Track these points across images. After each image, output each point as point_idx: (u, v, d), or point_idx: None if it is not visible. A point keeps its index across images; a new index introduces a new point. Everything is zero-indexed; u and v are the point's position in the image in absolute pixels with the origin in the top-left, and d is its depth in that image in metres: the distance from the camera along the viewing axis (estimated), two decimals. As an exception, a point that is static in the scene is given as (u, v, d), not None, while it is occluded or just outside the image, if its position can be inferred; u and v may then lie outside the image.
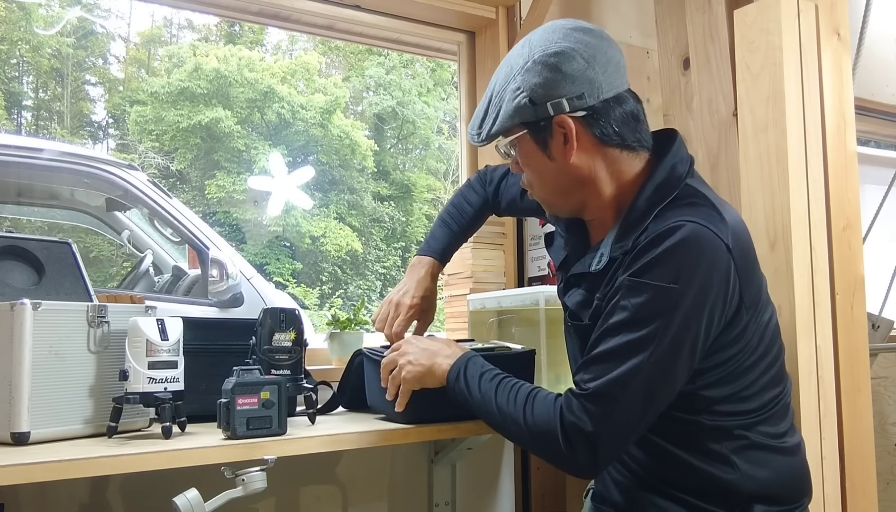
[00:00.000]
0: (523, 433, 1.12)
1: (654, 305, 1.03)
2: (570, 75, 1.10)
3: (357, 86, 16.57)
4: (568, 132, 1.12)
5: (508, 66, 1.17)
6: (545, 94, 1.11)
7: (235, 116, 14.46)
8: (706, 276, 1.03)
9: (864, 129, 3.08)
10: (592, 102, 1.11)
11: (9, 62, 14.35)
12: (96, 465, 1.07)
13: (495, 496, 2.16)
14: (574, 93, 1.10)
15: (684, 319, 1.02)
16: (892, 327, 2.12)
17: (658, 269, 1.04)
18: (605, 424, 1.04)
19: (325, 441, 1.28)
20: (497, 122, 1.17)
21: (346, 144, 15.12)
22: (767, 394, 1.13)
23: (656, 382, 1.04)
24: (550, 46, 1.12)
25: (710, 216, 1.07)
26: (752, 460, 1.11)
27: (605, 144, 1.14)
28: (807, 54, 1.50)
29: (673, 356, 1.03)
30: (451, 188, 16.29)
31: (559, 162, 1.15)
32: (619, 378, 1.03)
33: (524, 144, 1.18)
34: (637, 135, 1.16)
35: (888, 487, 2.22)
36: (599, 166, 1.15)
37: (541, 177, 1.20)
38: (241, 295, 2.65)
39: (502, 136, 1.19)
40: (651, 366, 1.03)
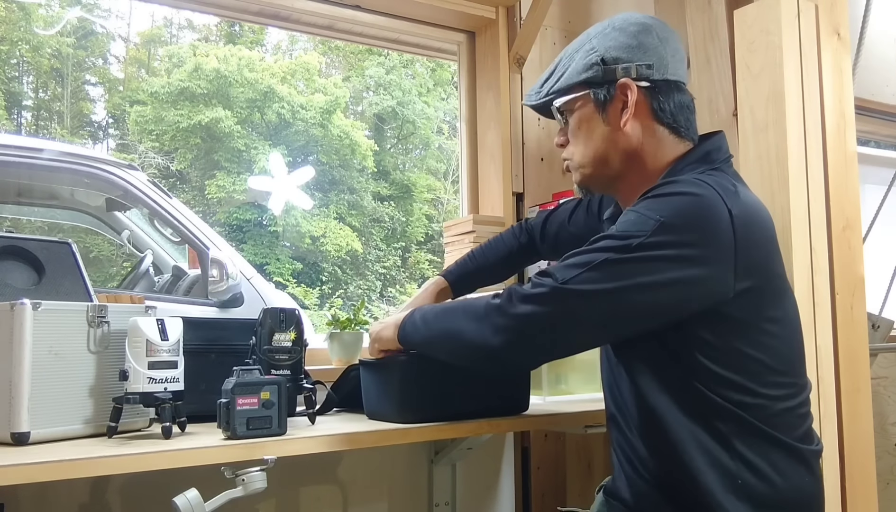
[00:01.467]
0: (459, 313, 1.16)
1: (636, 225, 1.04)
2: (643, 45, 1.18)
3: (357, 86, 16.57)
4: (629, 97, 1.16)
5: (586, 35, 1.24)
6: (617, 57, 1.18)
7: (235, 116, 14.46)
8: (698, 225, 1.03)
9: (864, 129, 3.08)
10: (658, 77, 1.17)
11: (9, 62, 14.34)
12: (96, 465, 1.07)
13: (495, 496, 2.17)
14: (644, 61, 1.17)
15: (661, 250, 1.02)
16: (892, 327, 2.12)
17: (653, 202, 1.06)
18: (538, 293, 1.05)
19: (325, 441, 1.28)
20: (563, 78, 1.22)
21: (346, 144, 15.11)
22: (778, 393, 1.09)
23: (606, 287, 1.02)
24: (631, 19, 1.20)
25: (722, 185, 1.08)
26: (762, 464, 1.07)
27: (658, 121, 1.18)
28: (807, 54, 1.50)
29: (633, 275, 1.02)
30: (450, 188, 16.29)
31: (613, 127, 1.19)
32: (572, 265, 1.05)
33: (582, 106, 1.21)
34: (687, 123, 1.20)
35: (888, 487, 2.22)
36: (647, 141, 1.19)
37: (589, 141, 1.22)
38: (241, 295, 2.65)
39: (563, 95, 1.22)
40: (607, 269, 1.03)
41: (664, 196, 1.06)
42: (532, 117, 2.41)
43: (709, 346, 1.06)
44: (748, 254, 1.05)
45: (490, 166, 2.39)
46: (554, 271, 1.07)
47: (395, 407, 1.39)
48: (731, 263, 1.04)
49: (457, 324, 1.17)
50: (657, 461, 1.13)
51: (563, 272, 1.05)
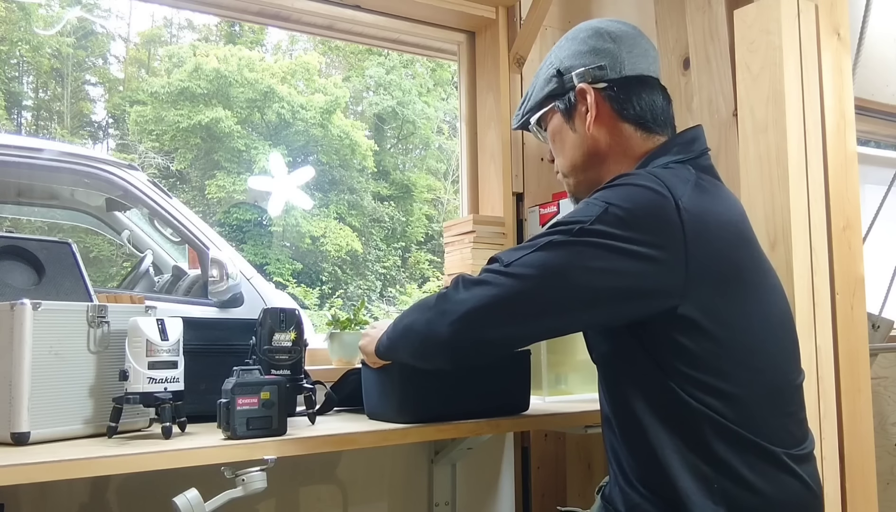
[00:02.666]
0: (414, 310, 1.19)
1: (582, 212, 1.06)
2: (595, 48, 1.21)
3: (357, 86, 16.57)
4: (588, 101, 1.19)
5: (550, 51, 1.29)
6: (570, 65, 1.22)
7: (235, 116, 14.46)
8: (644, 214, 1.03)
9: (864, 129, 3.08)
10: (613, 76, 1.19)
11: (9, 62, 14.34)
12: (96, 465, 1.07)
13: (495, 496, 2.17)
14: (595, 64, 1.20)
15: (606, 236, 1.02)
16: (892, 327, 2.12)
17: (601, 191, 1.08)
18: (483, 279, 1.07)
19: (325, 441, 1.28)
20: (532, 97, 1.28)
21: (346, 144, 15.11)
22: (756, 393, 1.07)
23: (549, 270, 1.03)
24: (583, 26, 1.25)
25: (679, 178, 1.08)
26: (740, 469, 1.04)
27: (622, 119, 1.19)
28: (807, 54, 1.50)
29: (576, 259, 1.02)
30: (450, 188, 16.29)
31: (580, 133, 1.22)
32: (516, 249, 1.08)
33: (553, 119, 1.26)
34: (654, 117, 1.20)
35: (888, 487, 2.22)
36: (615, 141, 1.20)
37: (564, 151, 1.26)
38: (241, 295, 2.65)
39: (535, 112, 1.28)
40: (550, 251, 1.04)
41: (613, 186, 1.08)
42: (532, 117, 2.41)
43: (679, 346, 1.04)
44: (702, 249, 1.03)
45: (490, 166, 2.39)
46: (500, 256, 1.09)
47: (395, 407, 1.39)
48: (680, 255, 1.02)
49: (411, 317, 1.20)
50: (640, 465, 1.13)
51: (508, 255, 1.08)
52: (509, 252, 1.09)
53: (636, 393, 1.11)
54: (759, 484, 1.05)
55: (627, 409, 1.12)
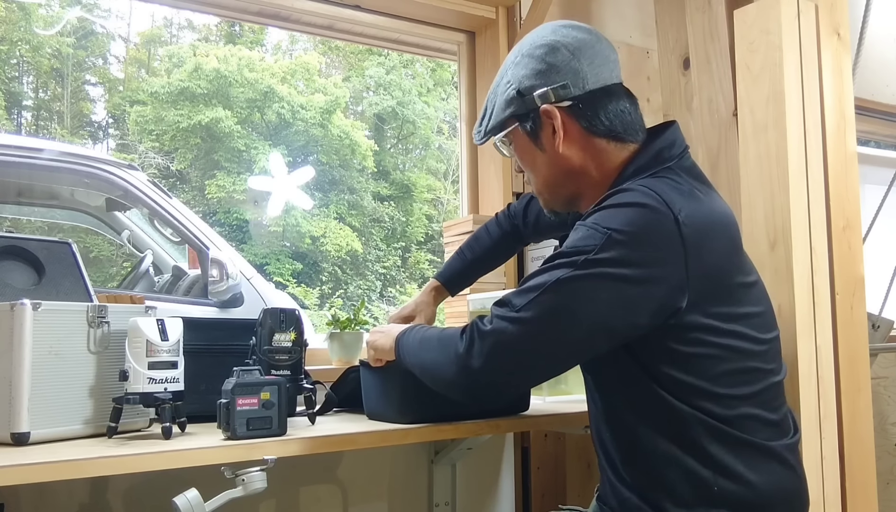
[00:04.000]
0: (434, 350, 1.17)
1: (584, 240, 1.04)
2: (554, 66, 1.15)
3: (357, 86, 16.56)
4: (555, 122, 1.15)
5: (504, 65, 1.24)
6: (531, 85, 1.16)
7: (235, 116, 14.45)
8: (646, 234, 1.02)
9: (864, 129, 3.08)
10: (577, 92, 1.15)
11: (9, 62, 14.34)
12: (96, 465, 1.07)
13: (495, 496, 2.17)
14: (558, 82, 1.15)
15: (611, 265, 1.01)
16: (892, 327, 2.12)
17: (599, 215, 1.06)
18: (497, 327, 1.05)
19: (325, 441, 1.28)
20: (492, 117, 1.23)
21: (346, 144, 15.10)
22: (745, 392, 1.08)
23: (561, 309, 1.03)
24: (538, 41, 1.18)
25: (672, 189, 1.07)
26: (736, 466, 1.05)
27: (593, 134, 1.16)
28: (807, 54, 1.50)
29: (587, 293, 1.02)
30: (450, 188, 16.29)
31: (549, 153, 1.18)
32: (524, 290, 1.06)
33: (517, 138, 1.22)
34: (626, 127, 1.17)
35: (888, 487, 2.22)
36: (589, 157, 1.17)
37: (535, 170, 1.23)
38: (241, 295, 2.65)
39: (497, 131, 1.23)
40: (560, 290, 1.02)
41: (611, 207, 1.06)
42: (532, 117, 2.41)
43: (671, 353, 1.06)
44: (700, 258, 1.05)
45: (490, 166, 2.39)
46: (510, 299, 1.07)
47: (395, 407, 1.39)
48: (681, 269, 1.03)
49: (431, 363, 1.19)
50: (634, 473, 1.13)
51: (518, 298, 1.06)
52: (518, 294, 1.06)
53: (627, 402, 1.11)
54: (758, 480, 1.07)
55: (618, 417, 1.13)
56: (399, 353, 1.30)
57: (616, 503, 1.16)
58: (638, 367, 1.08)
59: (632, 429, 1.11)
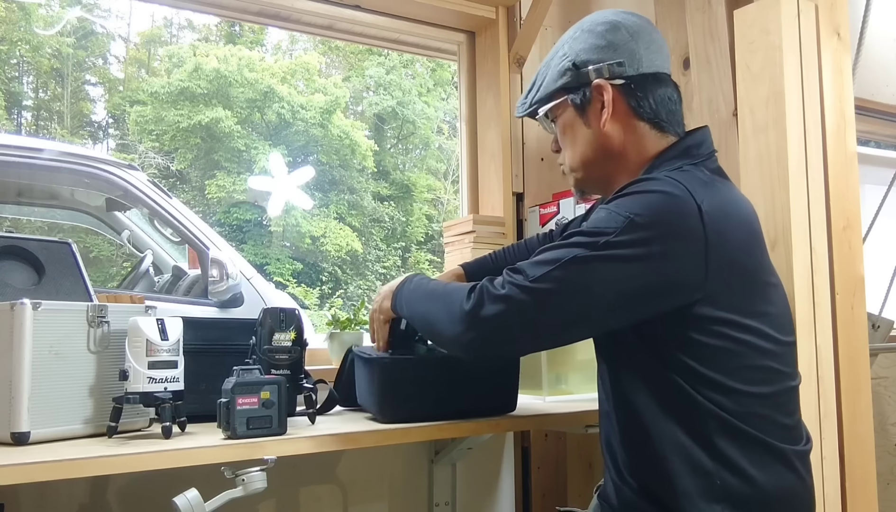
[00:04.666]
0: (439, 302, 1.16)
1: (604, 222, 1.04)
2: (612, 43, 1.18)
3: (357, 86, 16.57)
4: (605, 98, 1.17)
5: (560, 41, 1.26)
6: (587, 59, 1.19)
7: (235, 116, 14.46)
8: (667, 222, 1.03)
9: (864, 129, 3.08)
10: (631, 73, 1.17)
11: (9, 62, 14.34)
12: (96, 465, 1.07)
13: (495, 496, 2.17)
14: (615, 60, 1.17)
15: (630, 248, 1.01)
16: (892, 327, 2.12)
17: (622, 199, 1.06)
18: (507, 293, 1.05)
19: (325, 441, 1.28)
20: (542, 87, 1.25)
21: (346, 144, 15.11)
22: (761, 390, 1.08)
23: (574, 286, 1.03)
24: (599, 18, 1.22)
25: (696, 180, 1.08)
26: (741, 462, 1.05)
27: (638, 117, 1.18)
28: (807, 54, 1.50)
29: (602, 273, 1.02)
30: (450, 188, 16.29)
31: (594, 129, 1.20)
32: (541, 262, 1.05)
33: (564, 112, 1.23)
34: (669, 116, 1.19)
35: (888, 487, 2.22)
36: (629, 139, 1.19)
37: (574, 145, 1.24)
38: (241, 295, 2.65)
39: (545, 103, 1.25)
40: (576, 267, 1.03)
41: (634, 194, 1.07)
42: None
43: (690, 343, 1.05)
44: (721, 249, 1.05)
45: (490, 166, 2.39)
46: (524, 268, 1.07)
47: (376, 405, 1.40)
48: (701, 259, 1.03)
49: (433, 315, 1.19)
50: (637, 464, 1.13)
51: (532, 269, 1.06)
52: (533, 265, 1.06)
53: (640, 388, 1.11)
54: (761, 479, 1.06)
55: (629, 404, 1.12)
56: (397, 301, 1.31)
57: (617, 502, 1.16)
58: (654, 353, 1.08)
59: (641, 414, 1.10)
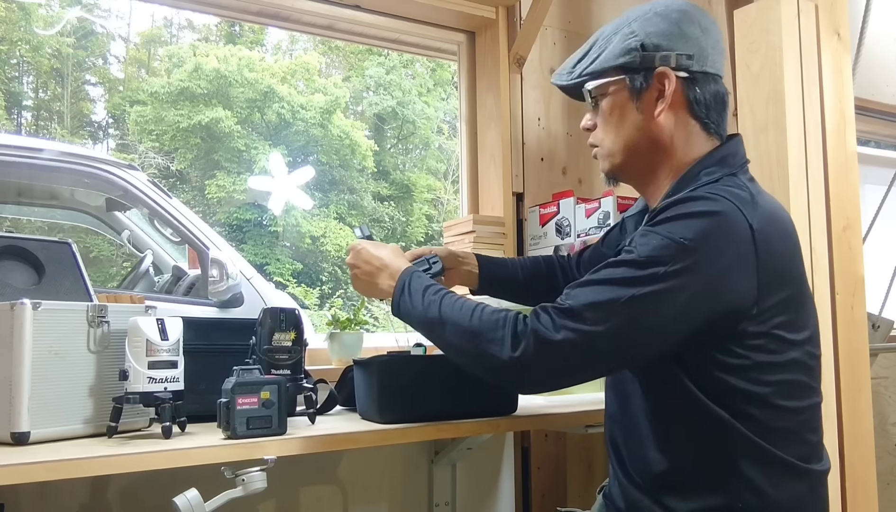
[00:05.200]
0: (465, 332, 1.09)
1: (659, 252, 1.00)
2: (685, 34, 1.14)
3: (357, 86, 16.56)
4: (666, 87, 1.13)
5: (624, 16, 1.19)
6: (657, 43, 1.13)
7: (235, 116, 14.46)
8: (721, 247, 1.00)
9: (864, 129, 3.08)
10: (696, 68, 1.14)
11: (9, 62, 14.34)
12: (96, 465, 1.07)
13: (495, 496, 2.16)
14: (685, 51, 1.13)
15: (683, 279, 0.99)
16: (892, 327, 2.12)
17: (674, 224, 1.02)
18: (569, 341, 1.00)
19: (325, 441, 1.28)
20: (598, 60, 1.17)
21: (346, 144, 15.11)
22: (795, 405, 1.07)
23: (631, 326, 1.00)
24: (673, 5, 1.16)
25: (741, 196, 1.05)
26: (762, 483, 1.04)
27: (691, 114, 1.15)
28: (807, 54, 1.50)
29: (657, 309, 0.99)
30: (450, 188, 16.28)
31: (646, 116, 1.15)
32: (597, 304, 1.00)
33: (616, 92, 1.17)
34: (718, 118, 1.17)
35: (888, 487, 2.22)
36: (678, 133, 1.15)
37: (619, 129, 1.18)
38: (241, 295, 2.64)
39: (597, 78, 1.18)
40: (630, 306, 0.99)
41: (683, 217, 1.02)
42: (532, 117, 2.41)
43: (732, 358, 1.04)
44: (771, 266, 1.03)
45: (490, 166, 2.39)
46: (579, 309, 1.01)
47: (376, 407, 1.40)
48: (754, 278, 1.02)
49: (464, 347, 1.11)
50: (655, 473, 1.11)
51: (589, 312, 1.00)
52: (589, 307, 1.01)
53: (667, 399, 1.09)
54: (776, 496, 1.05)
55: (652, 412, 1.11)
56: (401, 311, 1.23)
57: (625, 505, 1.16)
58: (686, 370, 1.06)
59: (662, 422, 1.09)
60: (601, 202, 2.03)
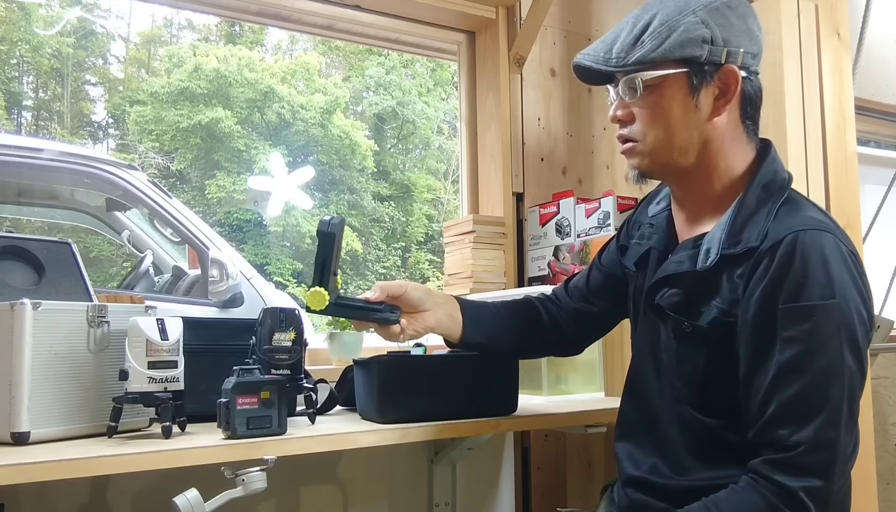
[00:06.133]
0: None
1: (824, 326, 0.96)
2: (751, 33, 1.08)
3: (357, 86, 16.57)
4: (731, 85, 1.06)
5: (687, 3, 1.07)
6: (728, 38, 1.05)
7: (235, 116, 14.47)
8: (853, 281, 1.00)
9: (864, 129, 3.08)
10: (755, 69, 1.09)
11: (9, 62, 14.35)
12: (96, 465, 1.07)
13: (495, 496, 2.16)
14: (751, 50, 1.08)
15: (855, 328, 0.98)
16: (892, 327, 2.12)
17: (810, 287, 0.97)
18: (832, 469, 0.94)
19: (325, 441, 1.28)
20: (661, 48, 1.05)
21: (346, 144, 15.12)
22: None
23: (855, 398, 0.98)
24: (735, 2, 1.08)
25: (826, 223, 1.03)
26: None
27: (743, 116, 1.10)
28: (807, 54, 1.50)
29: (859, 366, 0.98)
30: (450, 188, 16.29)
31: (702, 114, 1.07)
32: (828, 421, 0.94)
33: (672, 85, 1.07)
34: (757, 119, 1.13)
35: (888, 487, 2.22)
36: (729, 136, 1.09)
37: (669, 125, 1.08)
38: (241, 295, 2.64)
39: (656, 68, 1.06)
40: (848, 389, 0.96)
41: (813, 273, 0.97)
42: (532, 117, 2.41)
43: None
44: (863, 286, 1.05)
45: (490, 166, 2.39)
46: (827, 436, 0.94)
47: (376, 407, 1.40)
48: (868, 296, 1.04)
49: None
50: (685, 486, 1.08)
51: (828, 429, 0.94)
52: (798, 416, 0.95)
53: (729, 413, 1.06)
54: None
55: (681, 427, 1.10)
56: None
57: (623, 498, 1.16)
58: None
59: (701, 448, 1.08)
60: (601, 202, 2.03)
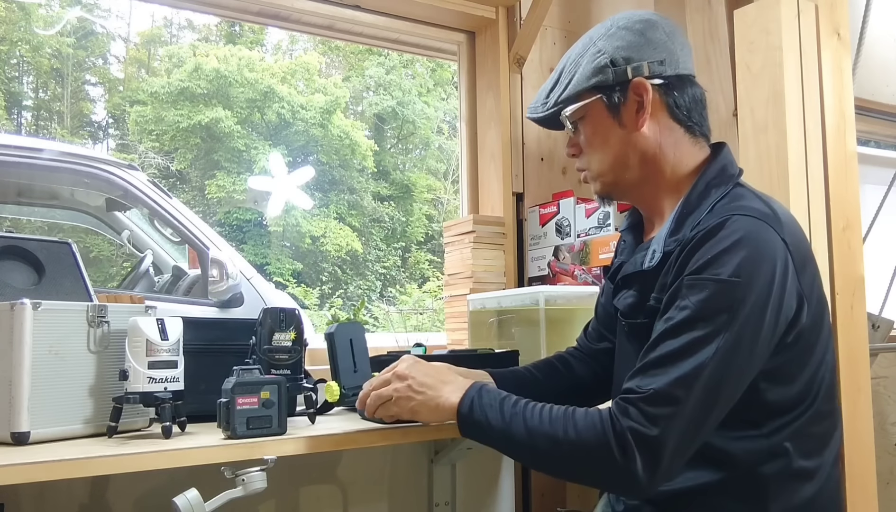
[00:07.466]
0: (563, 452, 1.02)
1: (717, 299, 0.98)
2: (652, 41, 1.13)
3: (357, 86, 16.57)
4: (644, 97, 1.12)
5: (587, 38, 1.18)
6: (627, 56, 1.13)
7: (235, 116, 14.47)
8: (769, 268, 0.99)
9: (864, 129, 3.08)
10: (669, 73, 1.13)
11: (9, 62, 14.35)
12: (96, 465, 1.07)
13: (495, 496, 2.16)
14: (655, 58, 1.13)
15: (749, 314, 0.97)
16: (892, 327, 2.12)
17: (718, 263, 0.99)
18: (670, 428, 0.95)
19: (325, 441, 1.28)
20: (570, 86, 1.17)
21: (346, 144, 15.12)
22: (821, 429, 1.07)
23: (722, 380, 0.97)
24: (635, 16, 1.16)
25: (763, 211, 1.04)
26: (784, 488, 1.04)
27: (674, 119, 1.15)
28: (807, 54, 1.50)
29: (738, 353, 0.97)
30: (450, 188, 16.29)
31: (629, 130, 1.14)
32: (682, 378, 0.96)
33: (594, 112, 1.16)
34: (700, 119, 1.16)
35: (888, 487, 2.22)
36: (665, 142, 1.15)
37: (605, 148, 1.17)
38: (241, 295, 2.64)
39: (572, 102, 1.17)
40: (716, 363, 0.96)
41: (724, 253, 0.99)
42: (532, 117, 2.41)
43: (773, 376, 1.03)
44: (806, 279, 1.04)
45: (490, 166, 2.39)
46: (668, 391, 0.96)
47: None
48: (795, 293, 1.02)
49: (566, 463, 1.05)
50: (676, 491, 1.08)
51: (680, 390, 0.96)
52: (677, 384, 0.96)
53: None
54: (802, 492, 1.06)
55: None
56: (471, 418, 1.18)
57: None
58: None
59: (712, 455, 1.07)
60: (601, 202, 2.03)
